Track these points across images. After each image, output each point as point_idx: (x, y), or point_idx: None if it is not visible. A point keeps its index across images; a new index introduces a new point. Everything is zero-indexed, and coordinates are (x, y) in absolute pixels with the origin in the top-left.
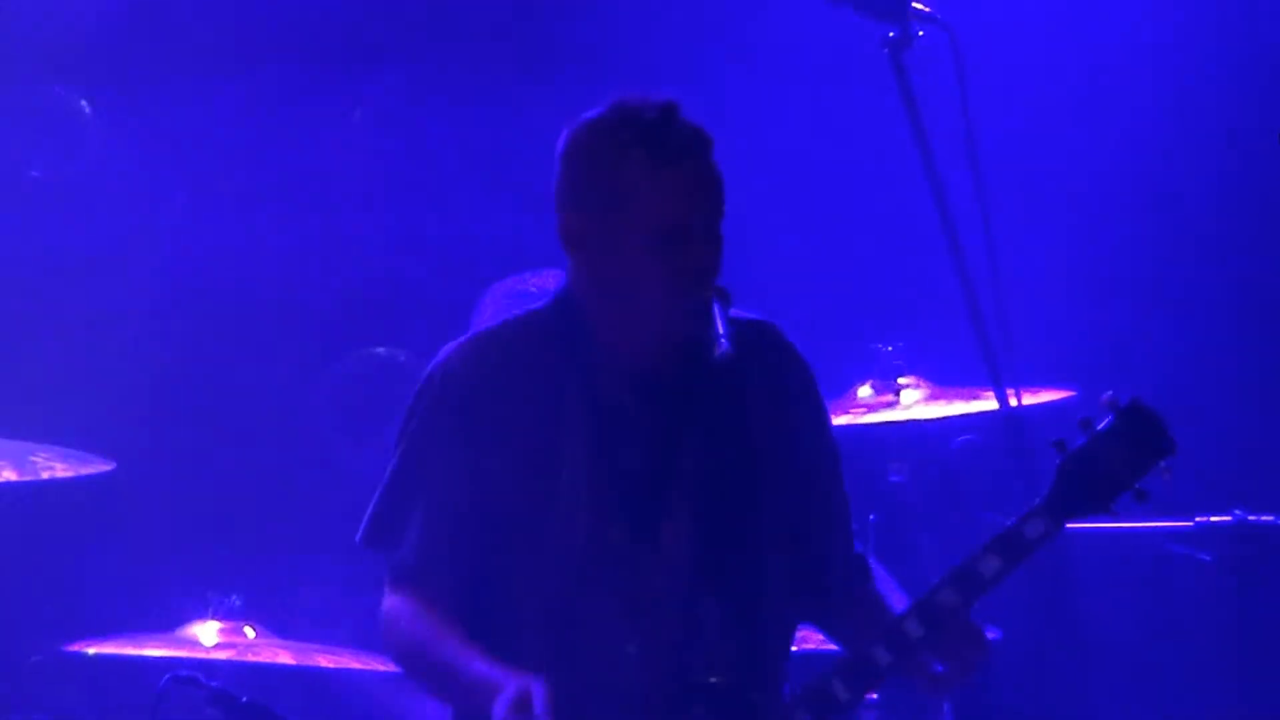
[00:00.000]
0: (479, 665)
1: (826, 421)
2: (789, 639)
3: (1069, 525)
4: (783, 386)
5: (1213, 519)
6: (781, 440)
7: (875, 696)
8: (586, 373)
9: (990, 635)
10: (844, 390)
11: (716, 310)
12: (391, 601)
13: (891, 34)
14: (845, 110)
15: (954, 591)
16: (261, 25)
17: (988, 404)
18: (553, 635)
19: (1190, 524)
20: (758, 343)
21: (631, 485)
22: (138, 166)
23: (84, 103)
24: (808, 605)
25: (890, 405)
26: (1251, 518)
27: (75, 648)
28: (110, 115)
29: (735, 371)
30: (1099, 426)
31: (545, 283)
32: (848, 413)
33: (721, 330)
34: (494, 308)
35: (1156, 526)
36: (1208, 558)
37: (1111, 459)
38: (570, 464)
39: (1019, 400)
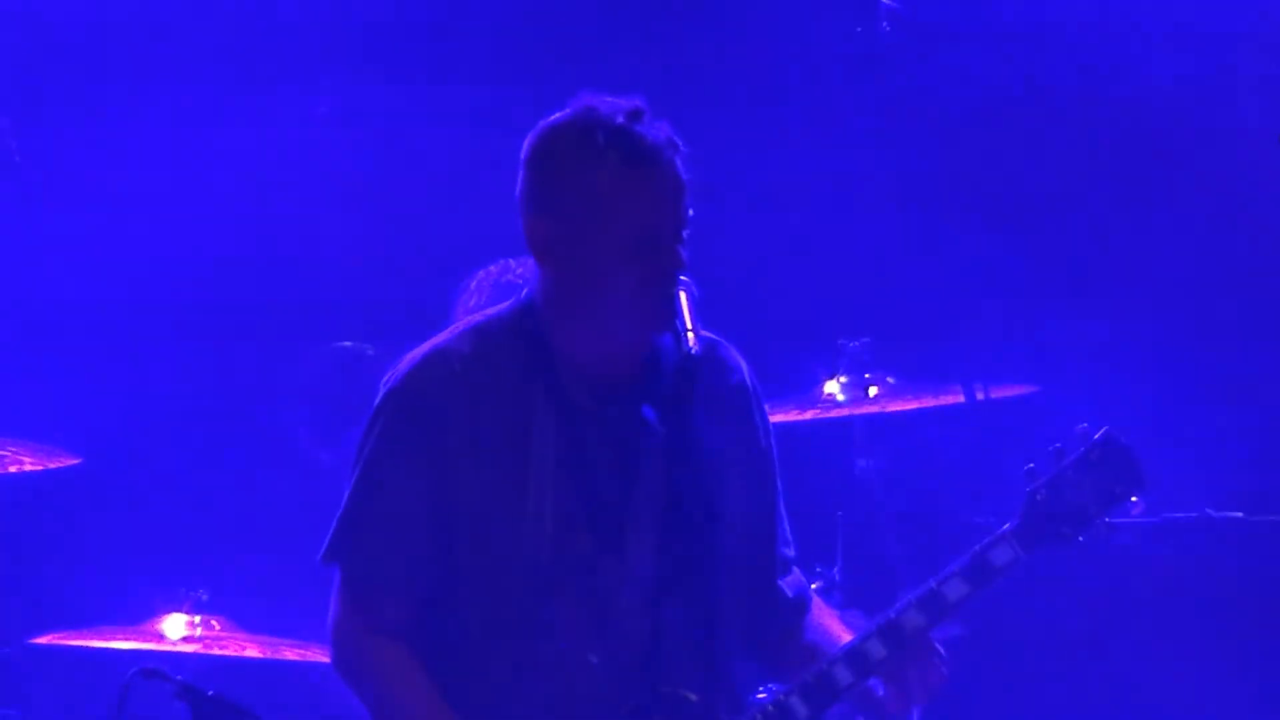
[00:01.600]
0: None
1: (773, 452)
2: (739, 655)
3: (1034, 553)
4: (734, 405)
5: (1179, 515)
6: (736, 461)
7: None
8: (549, 383)
9: (954, 632)
10: (812, 385)
11: (685, 307)
12: (356, 630)
13: (859, 28)
14: (812, 105)
15: (919, 614)
16: (232, 14)
17: (954, 398)
18: (516, 646)
19: (1157, 521)
20: (710, 359)
21: (596, 496)
22: (102, 160)
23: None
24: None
25: (858, 400)
26: (1218, 515)
27: (42, 641)
28: (76, 108)
29: (694, 383)
30: (1070, 457)
31: (530, 270)
32: (815, 407)
33: (690, 326)
34: (479, 299)
35: (1122, 522)
36: (1171, 553)
37: (1081, 491)
38: (535, 475)
39: (985, 395)
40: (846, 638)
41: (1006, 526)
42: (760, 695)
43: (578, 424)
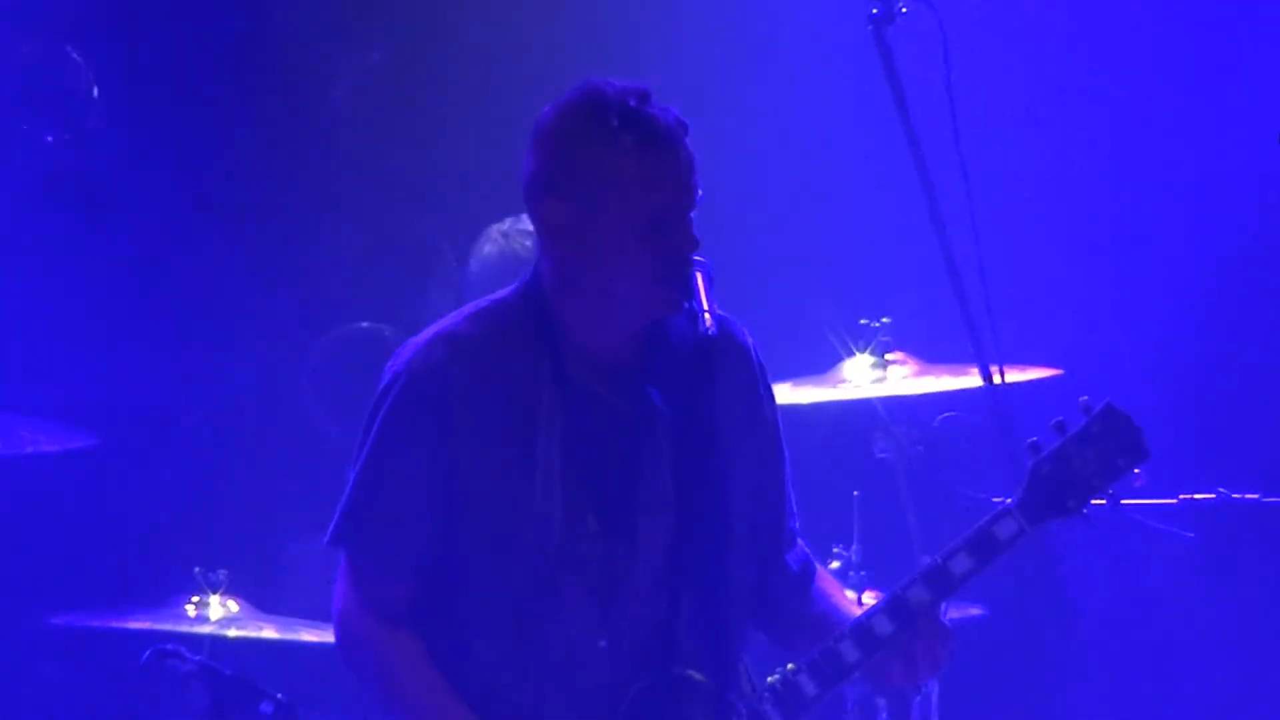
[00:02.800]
0: None
1: (779, 425)
2: (747, 635)
3: (1039, 527)
4: (743, 385)
5: (1196, 496)
6: (744, 439)
7: None
8: (557, 367)
9: (975, 612)
10: (830, 365)
11: (700, 285)
12: (364, 617)
13: (875, 10)
14: (831, 86)
15: (925, 589)
16: None
17: (973, 380)
18: (523, 631)
19: (1174, 501)
20: (721, 337)
21: (604, 480)
22: (117, 135)
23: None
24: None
25: (877, 381)
26: (1235, 495)
27: (60, 621)
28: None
29: (705, 366)
30: (1072, 430)
31: (538, 251)
32: (834, 387)
33: (706, 306)
34: (490, 256)
35: (1140, 503)
36: (1191, 535)
37: (1084, 463)
38: (542, 460)
39: (1004, 377)
40: (852, 608)
41: (1010, 501)
42: (771, 678)
43: (586, 408)
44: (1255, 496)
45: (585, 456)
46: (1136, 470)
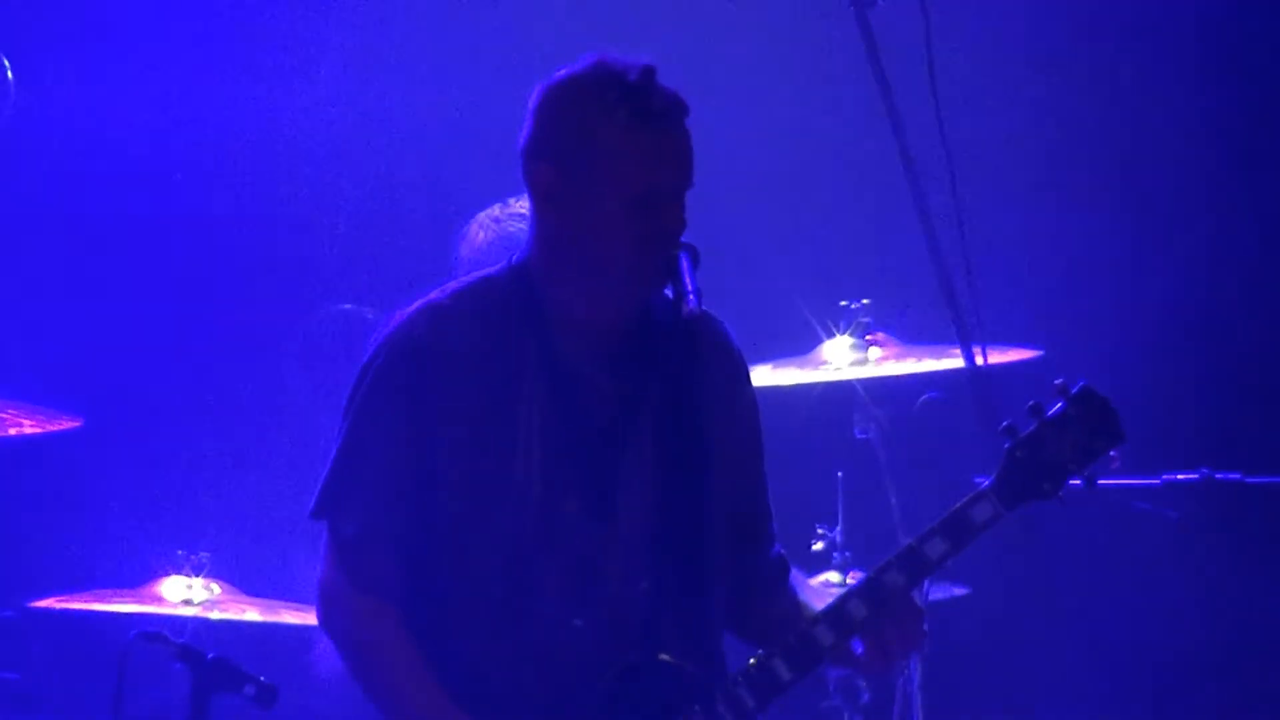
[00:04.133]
0: None
1: (758, 419)
2: (723, 619)
3: (1015, 510)
4: (726, 376)
5: (1180, 477)
6: (725, 427)
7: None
8: (541, 342)
9: (959, 592)
10: (811, 347)
11: (685, 267)
12: (344, 591)
13: None
14: (811, 67)
15: (900, 573)
16: None
17: (954, 362)
18: (500, 608)
19: (1158, 482)
20: (702, 323)
21: (586, 459)
22: (101, 116)
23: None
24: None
25: (857, 362)
26: (1219, 476)
27: (42, 604)
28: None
29: (690, 351)
30: (1048, 413)
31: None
32: (815, 369)
33: (690, 287)
34: (481, 241)
35: (1124, 484)
36: (1175, 515)
37: (1060, 446)
38: (523, 437)
39: (986, 359)
40: (823, 602)
41: (984, 484)
42: (752, 661)
43: (569, 386)
44: (1238, 476)
45: (567, 435)
46: (1113, 454)
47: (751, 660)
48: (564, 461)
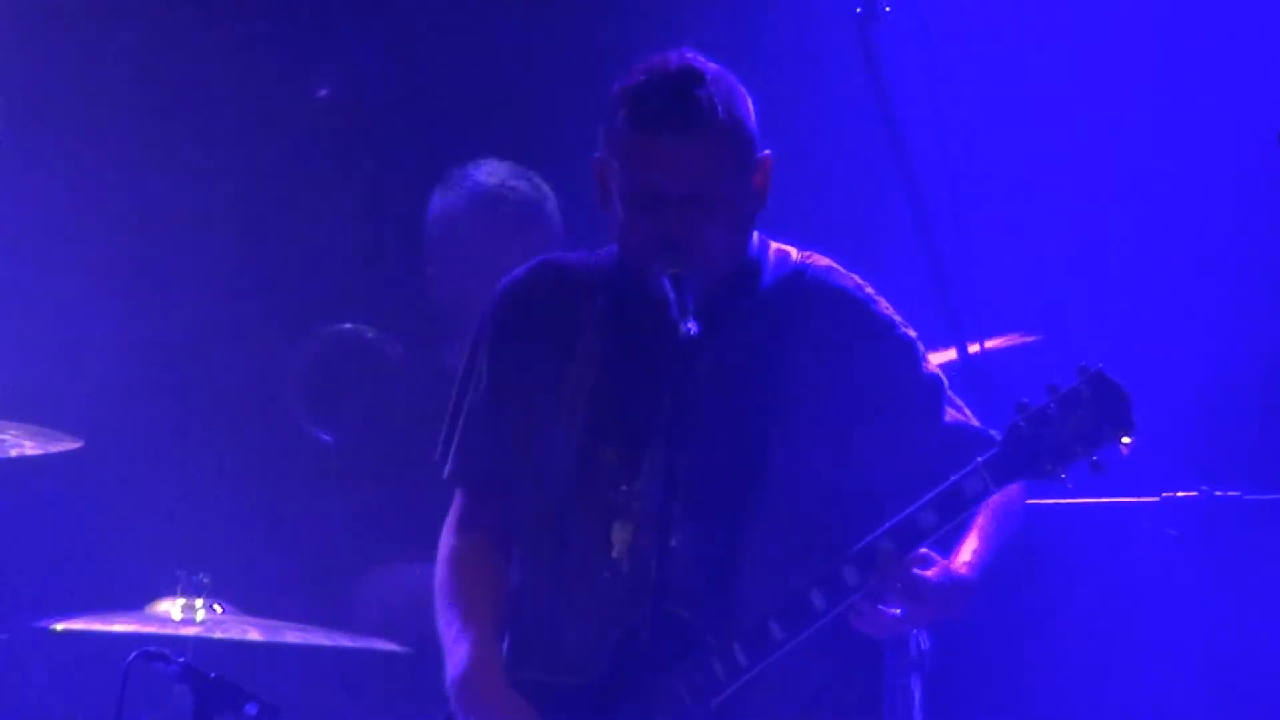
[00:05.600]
0: (463, 650)
1: (899, 358)
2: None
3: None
4: (837, 330)
5: (1179, 494)
6: (836, 380)
7: None
8: (616, 303)
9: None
10: None
11: (687, 286)
12: (450, 523)
13: (859, 9)
14: (809, 71)
15: (891, 540)
16: None
17: (947, 354)
18: (546, 551)
19: (1157, 499)
20: (788, 290)
21: (627, 412)
22: (96, 141)
23: None
24: None
25: None
26: (1218, 493)
27: (43, 624)
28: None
29: (749, 323)
30: (1059, 392)
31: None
32: None
33: (690, 308)
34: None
35: (1123, 502)
36: (1174, 532)
37: (1065, 426)
38: (572, 388)
39: (981, 346)
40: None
41: (981, 458)
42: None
43: (626, 341)
44: (1237, 494)
45: (613, 386)
46: (1126, 441)
47: (746, 621)
48: (608, 411)
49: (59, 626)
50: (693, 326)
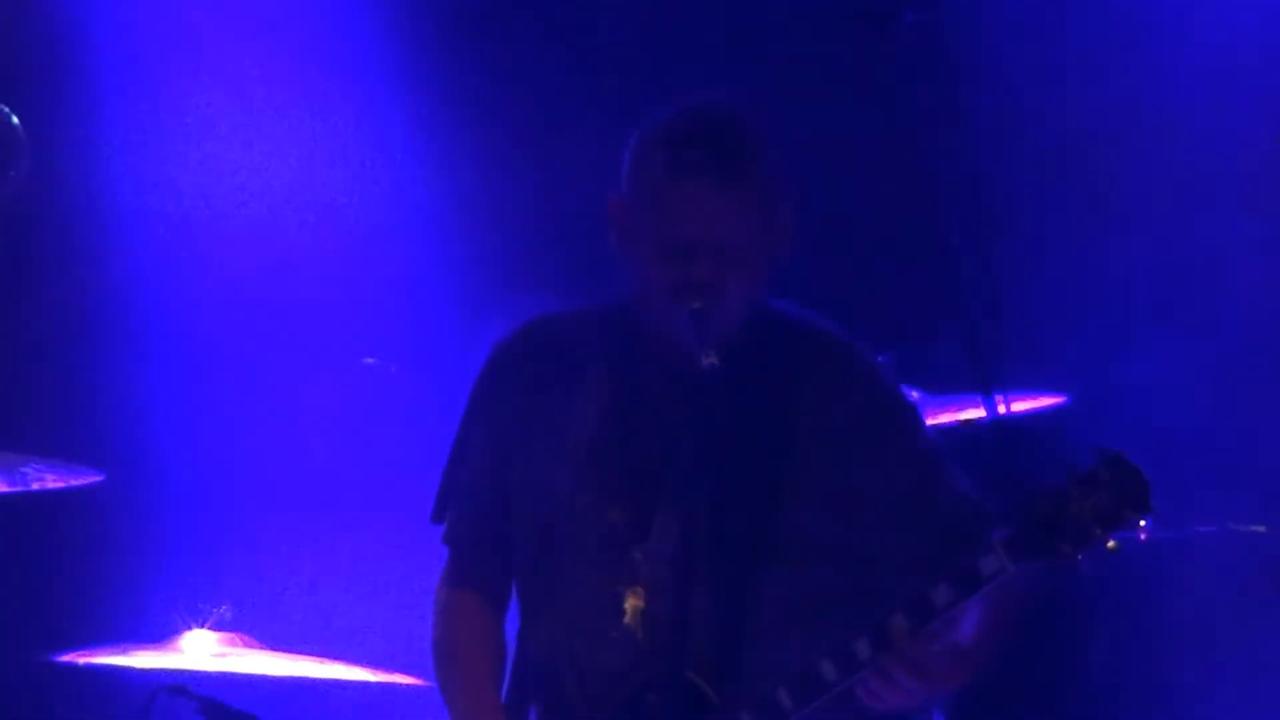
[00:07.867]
0: (466, 702)
1: (891, 436)
2: (791, 644)
3: (1020, 566)
4: (822, 396)
5: (1200, 529)
6: (812, 453)
7: None
8: (619, 365)
9: None
10: None
11: (709, 324)
12: (442, 581)
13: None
14: (829, 107)
15: (905, 617)
16: (261, 27)
17: (977, 413)
18: (553, 610)
19: (1179, 534)
20: (796, 349)
21: (634, 471)
22: (121, 170)
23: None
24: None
25: None
26: (1239, 528)
27: (65, 658)
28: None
29: (761, 376)
30: (1078, 473)
31: None
32: None
33: (711, 344)
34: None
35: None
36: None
37: (1083, 509)
38: (571, 444)
39: (1008, 407)
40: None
41: (997, 536)
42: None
43: (632, 396)
44: (1261, 529)
45: (618, 444)
46: (1142, 523)
47: (756, 687)
48: (612, 470)
49: (81, 660)
50: (714, 358)
